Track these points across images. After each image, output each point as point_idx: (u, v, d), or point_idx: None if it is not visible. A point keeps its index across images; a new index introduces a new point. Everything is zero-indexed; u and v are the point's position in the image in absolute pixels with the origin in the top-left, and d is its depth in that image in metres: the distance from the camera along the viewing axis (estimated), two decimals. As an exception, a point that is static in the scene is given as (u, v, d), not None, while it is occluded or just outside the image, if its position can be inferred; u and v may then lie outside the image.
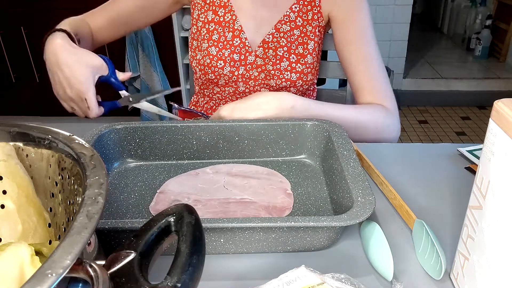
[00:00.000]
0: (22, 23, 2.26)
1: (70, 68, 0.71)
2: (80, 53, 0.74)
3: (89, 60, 0.73)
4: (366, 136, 0.82)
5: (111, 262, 0.32)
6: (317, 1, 0.90)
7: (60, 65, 0.72)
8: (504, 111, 0.38)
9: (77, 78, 0.71)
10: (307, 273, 0.45)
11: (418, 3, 4.44)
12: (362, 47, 0.87)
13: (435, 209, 0.63)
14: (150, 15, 0.96)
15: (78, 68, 0.71)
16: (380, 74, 0.87)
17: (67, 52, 0.72)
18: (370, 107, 0.84)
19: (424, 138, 2.63)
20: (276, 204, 0.63)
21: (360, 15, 0.88)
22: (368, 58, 0.87)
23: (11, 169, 0.43)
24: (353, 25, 0.88)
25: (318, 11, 0.90)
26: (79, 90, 0.72)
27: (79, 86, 0.71)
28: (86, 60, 0.73)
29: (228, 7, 0.91)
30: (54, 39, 0.75)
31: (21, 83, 2.46)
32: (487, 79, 3.12)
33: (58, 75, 0.73)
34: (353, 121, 0.79)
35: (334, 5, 0.90)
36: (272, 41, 0.91)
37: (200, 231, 0.35)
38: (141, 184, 0.69)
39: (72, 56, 0.72)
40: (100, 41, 0.96)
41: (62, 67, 0.72)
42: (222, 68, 0.90)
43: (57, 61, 0.72)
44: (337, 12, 0.90)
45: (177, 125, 0.72)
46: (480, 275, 0.43)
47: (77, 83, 0.71)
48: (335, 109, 0.79)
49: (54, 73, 0.74)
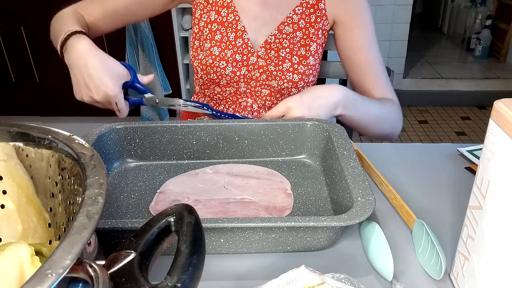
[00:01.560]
0: (22, 23, 2.26)
1: (99, 74, 0.72)
2: (107, 59, 0.75)
3: (115, 67, 0.75)
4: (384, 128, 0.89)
5: (111, 262, 0.32)
6: (322, 5, 0.91)
7: (89, 70, 0.72)
8: (504, 111, 0.38)
9: (107, 84, 0.72)
10: (307, 273, 0.45)
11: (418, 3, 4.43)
12: (368, 53, 0.92)
13: (435, 209, 0.63)
14: (148, 9, 0.95)
15: (107, 73, 0.72)
16: (384, 76, 0.93)
17: (96, 58, 0.73)
18: (386, 102, 0.89)
19: (424, 138, 2.63)
20: (276, 204, 0.63)
21: (366, 22, 0.91)
22: (374, 63, 0.92)
23: (11, 169, 0.43)
24: (361, 32, 0.91)
25: (323, 14, 0.92)
26: (108, 95, 0.73)
27: (109, 91, 0.72)
28: (113, 66, 0.74)
29: (231, 7, 0.91)
30: (79, 43, 0.75)
31: (21, 83, 2.46)
32: (487, 79, 3.12)
33: (85, 80, 0.73)
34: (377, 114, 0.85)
35: (340, 10, 0.92)
36: (274, 42, 0.91)
37: (200, 231, 0.35)
38: (141, 184, 0.69)
39: (101, 62, 0.73)
40: (93, 34, 0.95)
41: (91, 72, 0.72)
42: (224, 68, 0.90)
43: (86, 65, 0.72)
44: (343, 17, 0.92)
45: (177, 125, 0.72)
46: (480, 275, 0.43)
47: (107, 88, 0.72)
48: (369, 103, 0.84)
49: (80, 78, 0.74)
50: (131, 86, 0.79)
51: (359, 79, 0.93)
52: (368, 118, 0.83)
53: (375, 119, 0.85)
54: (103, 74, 0.72)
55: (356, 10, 0.91)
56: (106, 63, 0.74)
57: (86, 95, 0.75)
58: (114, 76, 0.73)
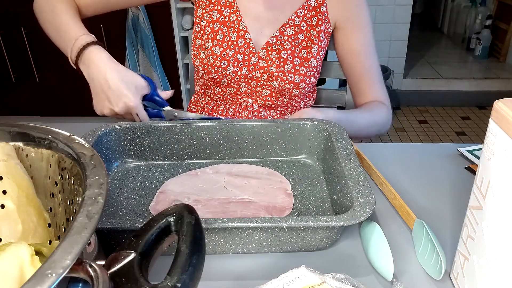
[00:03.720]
0: (22, 23, 2.26)
1: (119, 86, 0.73)
2: (126, 71, 0.76)
3: (135, 79, 0.76)
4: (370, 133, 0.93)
5: (111, 262, 0.32)
6: (323, 8, 0.92)
7: (109, 83, 0.74)
8: (504, 111, 0.38)
9: (127, 95, 0.74)
10: (307, 273, 0.45)
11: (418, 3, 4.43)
12: (365, 59, 0.94)
13: (435, 209, 0.63)
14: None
15: (127, 85, 0.74)
16: (379, 80, 0.96)
17: (116, 71, 0.74)
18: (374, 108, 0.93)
19: (424, 138, 2.63)
20: (276, 204, 0.63)
21: (365, 27, 0.93)
22: (370, 68, 0.95)
23: (11, 169, 0.43)
24: (359, 38, 0.93)
25: (325, 17, 0.92)
26: (128, 106, 0.74)
27: (129, 101, 0.74)
28: (132, 78, 0.76)
29: (234, 7, 0.91)
30: (98, 57, 0.76)
31: (21, 83, 2.46)
32: (487, 79, 3.12)
33: (105, 93, 0.75)
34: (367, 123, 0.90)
35: (341, 15, 0.92)
36: (275, 43, 0.91)
37: (200, 231, 0.35)
38: (141, 184, 0.69)
39: (120, 75, 0.75)
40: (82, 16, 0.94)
41: (110, 84, 0.74)
42: (225, 68, 0.90)
43: (106, 79, 0.74)
44: (344, 22, 0.93)
45: (177, 125, 0.72)
46: (480, 275, 0.43)
47: (127, 99, 0.74)
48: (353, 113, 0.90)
49: (100, 91, 0.76)
50: (150, 99, 0.80)
51: (355, 81, 0.97)
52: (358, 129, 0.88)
53: (364, 128, 0.89)
54: (123, 86, 0.74)
55: (356, 15, 0.92)
56: (125, 75, 0.75)
57: (107, 108, 0.77)
58: (133, 88, 0.75)
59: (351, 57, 0.94)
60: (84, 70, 0.78)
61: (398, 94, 2.96)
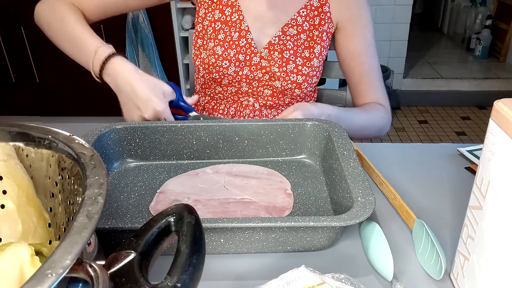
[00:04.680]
0: (22, 23, 2.26)
1: (146, 93, 0.76)
2: (152, 79, 0.79)
3: (161, 85, 0.78)
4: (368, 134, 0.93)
5: (111, 262, 0.32)
6: (326, 8, 0.92)
7: (137, 92, 0.76)
8: (504, 111, 0.38)
9: (154, 100, 0.76)
10: (307, 273, 0.45)
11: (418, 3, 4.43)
12: (365, 61, 0.94)
13: (435, 209, 0.63)
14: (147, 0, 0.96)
15: (154, 92, 0.76)
16: (379, 82, 0.96)
17: (141, 80, 0.76)
18: (373, 109, 0.93)
19: (424, 138, 2.63)
20: (276, 204, 0.63)
21: (366, 28, 0.93)
22: (370, 70, 0.95)
23: (11, 169, 0.43)
24: (360, 39, 0.93)
25: (328, 17, 0.92)
26: (157, 111, 0.76)
27: (157, 107, 0.76)
28: (158, 85, 0.78)
29: (236, 6, 0.91)
30: (123, 68, 0.78)
31: (21, 83, 2.46)
32: (487, 79, 3.12)
33: (134, 101, 0.77)
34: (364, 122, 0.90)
35: (343, 15, 0.92)
36: (278, 43, 0.91)
37: (200, 231, 0.35)
38: (141, 184, 0.69)
39: (146, 83, 0.77)
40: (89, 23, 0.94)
41: (138, 93, 0.76)
42: (227, 68, 0.90)
43: (133, 89, 0.76)
44: (345, 23, 0.93)
45: (177, 125, 0.72)
46: (480, 275, 0.43)
47: (155, 104, 0.76)
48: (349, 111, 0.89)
49: (128, 101, 0.78)
50: (176, 105, 0.81)
51: (354, 83, 0.97)
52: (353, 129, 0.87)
53: (360, 128, 0.89)
54: (150, 93, 0.76)
55: (357, 16, 0.92)
56: (151, 83, 0.77)
57: (137, 116, 0.78)
58: (160, 94, 0.77)
59: (351, 58, 0.94)
60: (110, 82, 0.80)
61: (398, 94, 2.96)
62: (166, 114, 0.77)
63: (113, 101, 0.82)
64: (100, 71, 0.80)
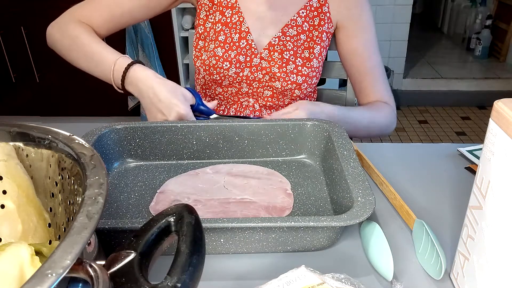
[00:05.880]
0: (22, 23, 2.26)
1: (169, 97, 0.77)
2: (172, 84, 0.80)
3: (181, 90, 0.79)
4: (373, 133, 0.94)
5: (111, 262, 0.32)
6: (325, 8, 0.92)
7: (159, 97, 0.77)
8: (504, 111, 0.38)
9: (177, 104, 0.77)
10: (307, 273, 0.45)
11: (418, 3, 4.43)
12: (368, 59, 0.94)
13: (435, 209, 0.63)
14: (152, 11, 0.96)
15: (175, 96, 0.77)
16: (383, 80, 0.96)
17: (162, 85, 0.78)
18: (377, 108, 0.93)
19: (424, 138, 2.63)
20: (276, 204, 0.63)
21: (367, 27, 0.93)
22: (373, 68, 0.94)
23: (11, 169, 0.43)
24: (362, 38, 0.93)
25: (328, 18, 0.92)
26: (180, 114, 0.77)
27: (180, 110, 0.77)
28: (178, 90, 0.79)
29: (236, 8, 0.91)
30: (143, 74, 0.79)
31: (21, 83, 2.46)
32: (487, 79, 3.12)
33: (157, 106, 0.78)
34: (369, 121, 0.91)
35: (343, 15, 0.92)
36: (278, 44, 0.91)
37: (200, 231, 0.35)
38: (141, 184, 0.69)
39: (167, 87, 0.78)
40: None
41: (161, 98, 0.77)
42: (227, 69, 0.90)
43: (155, 94, 0.77)
44: (346, 22, 0.93)
45: (177, 125, 0.72)
46: (480, 275, 0.43)
47: (178, 108, 0.77)
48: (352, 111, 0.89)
49: (151, 106, 0.79)
50: (196, 109, 0.82)
51: (358, 81, 0.96)
52: (356, 128, 0.88)
53: (363, 127, 0.90)
54: (172, 96, 0.77)
55: (357, 15, 0.92)
56: (172, 88, 0.78)
57: (161, 120, 0.79)
58: (182, 97, 0.78)
59: (354, 57, 0.94)
60: (133, 90, 0.81)
61: (398, 94, 2.96)
62: (189, 117, 0.78)
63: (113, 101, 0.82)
64: (122, 82, 0.81)
